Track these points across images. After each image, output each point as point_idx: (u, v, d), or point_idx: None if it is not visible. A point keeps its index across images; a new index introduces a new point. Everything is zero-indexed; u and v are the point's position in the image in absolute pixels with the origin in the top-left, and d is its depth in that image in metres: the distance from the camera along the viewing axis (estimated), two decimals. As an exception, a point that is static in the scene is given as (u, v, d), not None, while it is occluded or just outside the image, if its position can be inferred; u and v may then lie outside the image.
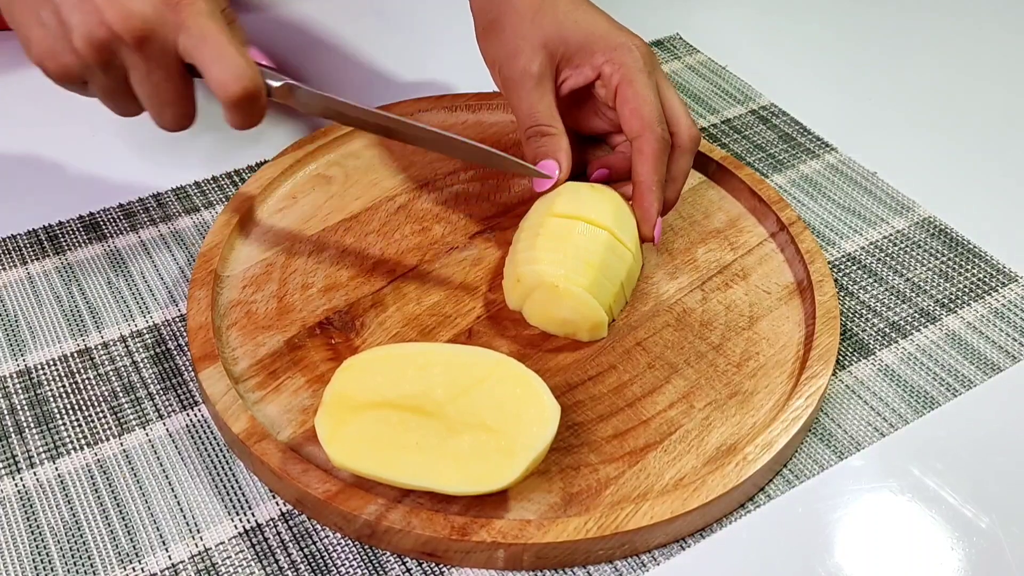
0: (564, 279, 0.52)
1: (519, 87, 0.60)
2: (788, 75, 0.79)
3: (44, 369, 0.54)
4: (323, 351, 0.54)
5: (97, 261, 0.60)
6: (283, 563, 0.46)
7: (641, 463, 0.49)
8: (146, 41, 0.49)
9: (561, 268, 0.53)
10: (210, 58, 0.50)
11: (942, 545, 0.48)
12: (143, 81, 0.51)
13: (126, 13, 0.48)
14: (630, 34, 0.60)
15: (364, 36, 0.80)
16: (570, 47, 0.59)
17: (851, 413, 0.54)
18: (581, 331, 0.54)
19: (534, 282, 0.53)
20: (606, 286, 0.54)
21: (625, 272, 0.55)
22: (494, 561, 0.46)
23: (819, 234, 0.64)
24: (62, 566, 0.46)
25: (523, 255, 0.54)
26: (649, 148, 0.57)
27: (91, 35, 0.48)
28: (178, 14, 0.49)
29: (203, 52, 0.50)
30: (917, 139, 0.73)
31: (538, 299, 0.54)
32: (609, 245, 0.54)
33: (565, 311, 0.53)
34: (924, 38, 0.85)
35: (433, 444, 0.46)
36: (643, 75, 0.58)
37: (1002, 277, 0.62)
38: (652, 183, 0.57)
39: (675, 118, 0.59)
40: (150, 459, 0.50)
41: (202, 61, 0.50)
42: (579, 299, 0.53)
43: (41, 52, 0.50)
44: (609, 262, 0.54)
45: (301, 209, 0.62)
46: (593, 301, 0.53)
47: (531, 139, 0.59)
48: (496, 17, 0.61)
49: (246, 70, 0.50)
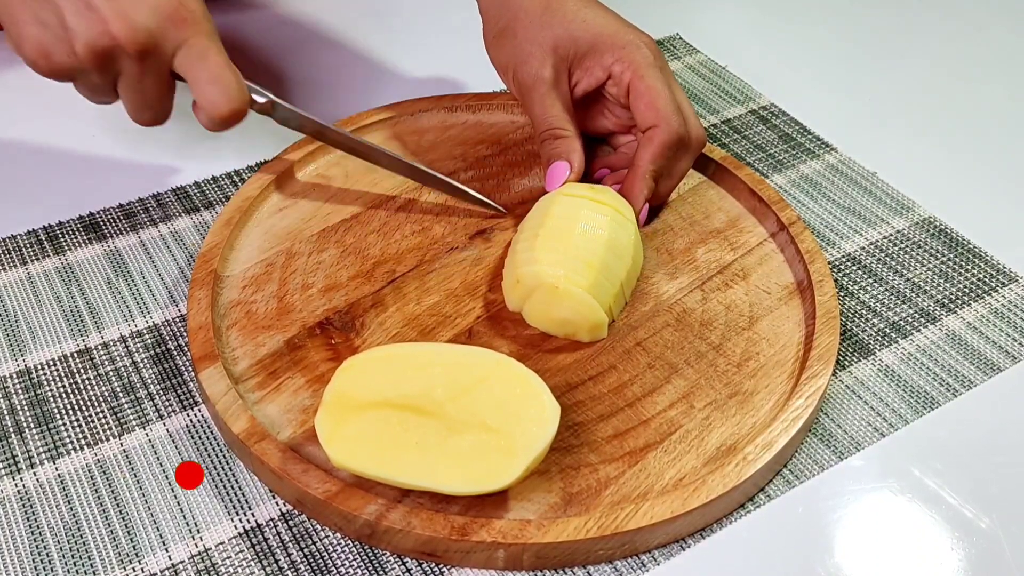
0: (564, 280, 0.52)
1: (532, 91, 0.60)
2: (788, 75, 0.79)
3: (44, 369, 0.54)
4: (323, 351, 0.54)
5: (97, 261, 0.60)
6: (283, 563, 0.46)
7: (641, 463, 0.49)
8: (147, 54, 0.50)
9: (561, 269, 0.53)
10: (206, 78, 0.52)
11: (942, 545, 0.48)
12: (132, 86, 0.52)
13: (132, 26, 0.49)
14: (638, 32, 0.60)
15: (365, 36, 0.80)
16: (580, 48, 0.60)
17: (851, 413, 0.54)
18: (581, 332, 0.54)
19: (534, 283, 0.53)
20: (606, 286, 0.54)
21: (625, 273, 0.55)
22: (494, 561, 0.46)
23: (819, 234, 0.64)
24: (62, 566, 0.46)
25: (523, 256, 0.54)
26: (659, 138, 0.57)
27: (94, 43, 0.49)
28: (182, 31, 0.51)
29: (199, 71, 0.52)
30: (917, 139, 0.73)
31: (538, 300, 0.54)
32: (609, 245, 0.54)
33: (565, 312, 0.53)
34: (924, 38, 0.85)
35: (433, 444, 0.46)
36: (655, 70, 0.58)
37: (1002, 277, 0.62)
38: (647, 171, 0.58)
39: (685, 117, 0.59)
40: (150, 459, 0.50)
41: (197, 79, 0.52)
42: (579, 300, 0.53)
43: (35, 50, 0.50)
44: (609, 262, 0.54)
45: (301, 209, 0.62)
46: (593, 302, 0.53)
47: (545, 142, 0.60)
48: (507, 24, 0.62)
49: (238, 92, 0.52)
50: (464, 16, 0.63)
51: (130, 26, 0.49)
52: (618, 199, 0.58)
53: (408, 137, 0.68)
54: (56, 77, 0.52)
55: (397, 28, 0.82)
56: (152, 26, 0.50)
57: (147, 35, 0.50)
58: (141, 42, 0.50)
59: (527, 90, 0.60)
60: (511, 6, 0.62)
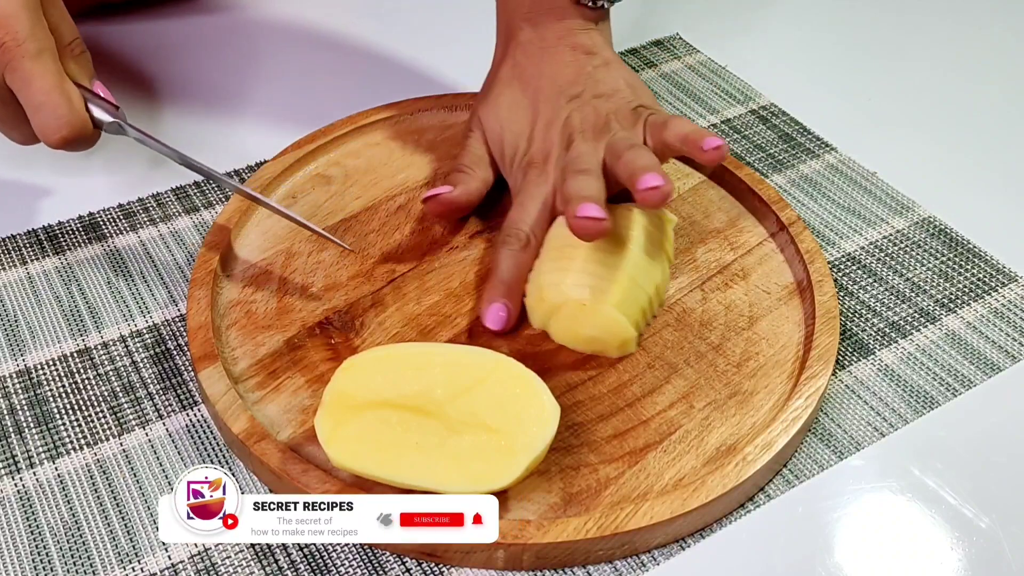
0: (591, 297, 0.52)
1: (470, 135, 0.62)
2: (788, 75, 0.79)
3: (44, 369, 0.54)
4: (323, 351, 0.54)
5: (97, 261, 0.60)
6: (283, 563, 0.46)
7: (641, 463, 0.49)
8: None
9: (588, 285, 0.52)
10: (33, 104, 0.49)
11: (942, 545, 0.48)
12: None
13: None
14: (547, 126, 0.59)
15: (365, 36, 0.80)
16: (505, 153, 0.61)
17: (851, 413, 0.54)
18: (610, 348, 0.53)
19: (559, 300, 0.52)
20: (634, 301, 0.53)
21: (654, 286, 0.54)
22: (494, 561, 0.46)
23: (819, 234, 0.64)
24: (62, 566, 0.46)
25: (548, 275, 0.53)
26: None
27: None
28: (4, 54, 0.48)
29: (25, 96, 0.49)
30: (917, 139, 0.73)
31: (564, 317, 0.53)
32: (637, 259, 0.53)
33: (593, 329, 0.52)
34: (924, 38, 0.85)
35: (433, 444, 0.46)
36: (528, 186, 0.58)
37: (1002, 277, 0.62)
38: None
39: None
40: (150, 459, 0.50)
41: (25, 104, 0.50)
42: (607, 317, 0.52)
43: None
44: (637, 276, 0.53)
45: (301, 209, 0.62)
46: (622, 318, 0.52)
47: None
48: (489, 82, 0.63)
49: (66, 117, 0.49)
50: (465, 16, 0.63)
51: None
52: (643, 212, 0.56)
53: (408, 137, 0.68)
54: None
55: (397, 28, 0.81)
56: None
57: None
58: None
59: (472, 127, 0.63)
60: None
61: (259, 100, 0.73)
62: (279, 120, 0.71)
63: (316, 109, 0.69)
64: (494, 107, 0.61)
